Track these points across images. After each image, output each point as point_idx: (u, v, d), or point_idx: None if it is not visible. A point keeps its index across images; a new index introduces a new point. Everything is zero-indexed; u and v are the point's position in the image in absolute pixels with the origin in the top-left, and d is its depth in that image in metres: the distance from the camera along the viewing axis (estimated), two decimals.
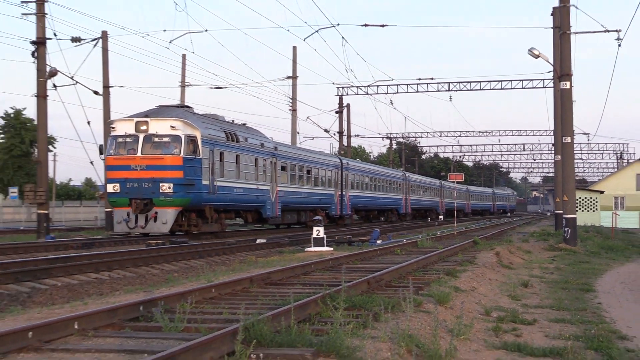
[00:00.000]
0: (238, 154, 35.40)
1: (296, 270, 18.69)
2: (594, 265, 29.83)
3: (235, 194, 34.71)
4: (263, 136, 41.53)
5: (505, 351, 11.00)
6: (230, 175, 33.96)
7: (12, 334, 8.65)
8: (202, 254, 27.12)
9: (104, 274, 19.42)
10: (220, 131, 33.46)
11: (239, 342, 7.98)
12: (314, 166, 49.02)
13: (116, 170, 28.90)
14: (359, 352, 8.54)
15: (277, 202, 40.21)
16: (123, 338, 9.63)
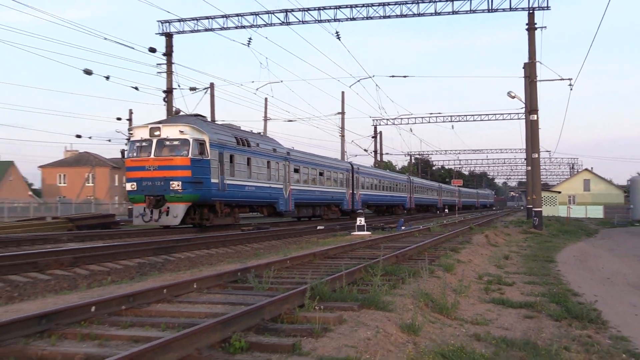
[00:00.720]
0: (249, 156, 32.87)
1: (345, 248, 18.96)
2: (554, 243, 30.89)
3: (247, 191, 32.31)
4: (277, 143, 39.00)
5: (493, 304, 11.89)
6: (241, 175, 31.59)
7: (152, 290, 9.74)
8: (280, 237, 27.63)
9: (212, 250, 20.07)
10: (231, 137, 31.17)
11: (307, 298, 8.94)
12: (326, 169, 46.33)
13: (134, 171, 27.32)
14: (391, 305, 9.38)
15: (290, 198, 38.08)
16: (226, 294, 10.44)
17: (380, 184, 60.12)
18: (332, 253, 17.45)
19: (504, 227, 39.35)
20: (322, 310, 8.73)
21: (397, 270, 13.17)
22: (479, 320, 10.32)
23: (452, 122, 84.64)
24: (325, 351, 6.68)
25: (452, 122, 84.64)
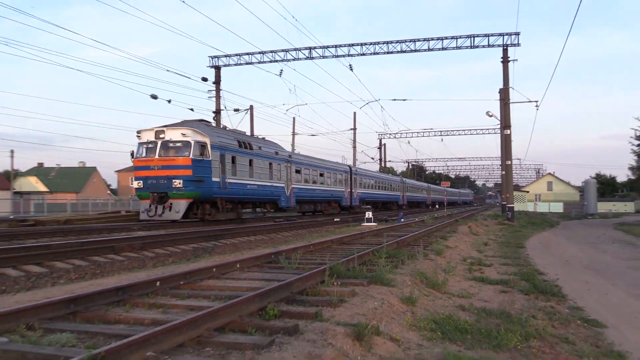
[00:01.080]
0: (251, 158, 29.82)
1: (356, 236, 18.73)
2: (524, 233, 30.79)
3: (249, 189, 29.31)
4: (279, 147, 35.81)
5: (475, 281, 11.90)
6: (242, 174, 28.63)
7: (204, 269, 9.79)
8: (304, 227, 27.02)
9: (251, 238, 19.91)
10: (233, 140, 28.36)
11: (326, 276, 9.02)
12: (326, 171, 42.59)
13: (140, 170, 24.77)
14: (393, 282, 9.41)
15: (291, 196, 34.99)
16: (262, 272, 10.51)
17: (376, 184, 57.12)
18: (346, 240, 17.36)
19: (483, 220, 39.25)
20: (338, 286, 8.76)
21: (398, 254, 13.09)
22: (463, 294, 10.32)
23: (442, 135, 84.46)
24: (341, 318, 6.71)
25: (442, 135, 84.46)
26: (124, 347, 4.59)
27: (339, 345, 5.63)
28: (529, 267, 14.90)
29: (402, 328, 7.07)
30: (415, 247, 14.82)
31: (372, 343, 6.02)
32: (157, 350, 4.92)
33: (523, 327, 7.51)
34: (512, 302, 9.71)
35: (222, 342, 5.48)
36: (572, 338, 7.30)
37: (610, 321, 8.48)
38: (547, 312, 8.91)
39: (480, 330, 7.23)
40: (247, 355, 5.09)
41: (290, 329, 5.97)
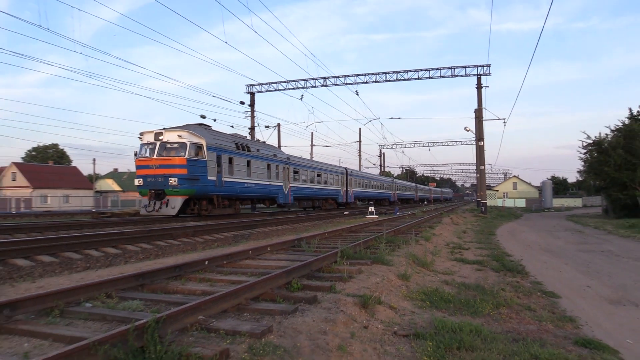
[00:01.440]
0: (249, 159, 26.34)
1: (361, 225, 18.44)
2: (495, 223, 30.46)
3: (246, 187, 25.88)
4: (278, 150, 32.32)
5: (456, 262, 11.84)
6: (240, 173, 25.29)
7: (241, 252, 9.68)
8: (320, 218, 26.34)
9: (278, 227, 19.66)
10: (231, 142, 25.04)
11: (338, 257, 9.00)
12: (323, 172, 38.68)
13: (141, 169, 21.96)
14: (391, 262, 9.40)
15: (289, 194, 31.68)
16: (288, 254, 10.40)
17: (369, 184, 52.70)
18: (353, 229, 17.17)
19: (462, 213, 39.02)
20: (348, 265, 8.72)
21: (395, 240, 13.04)
22: (447, 271, 10.28)
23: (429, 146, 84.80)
24: (350, 290, 6.69)
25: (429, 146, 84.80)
26: (181, 312, 4.61)
27: (348, 312, 5.63)
28: (499, 250, 14.81)
29: (398, 299, 7.06)
30: (409, 234, 14.79)
31: (375, 310, 6.01)
32: (207, 314, 4.95)
33: (494, 298, 7.48)
34: (486, 278, 9.65)
35: (256, 309, 5.49)
36: (534, 306, 7.26)
37: (563, 293, 8.44)
38: (513, 286, 8.87)
39: (461, 300, 7.20)
40: (277, 319, 5.10)
41: (310, 299, 5.97)
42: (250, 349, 4.12)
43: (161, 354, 3.72)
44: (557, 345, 5.34)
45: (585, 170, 42.61)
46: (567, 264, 12.28)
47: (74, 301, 5.60)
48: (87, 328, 4.78)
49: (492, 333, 5.55)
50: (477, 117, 41.26)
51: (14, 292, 6.68)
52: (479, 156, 42.48)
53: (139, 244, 12.43)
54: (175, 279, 7.34)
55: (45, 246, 10.39)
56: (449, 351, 4.84)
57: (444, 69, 40.18)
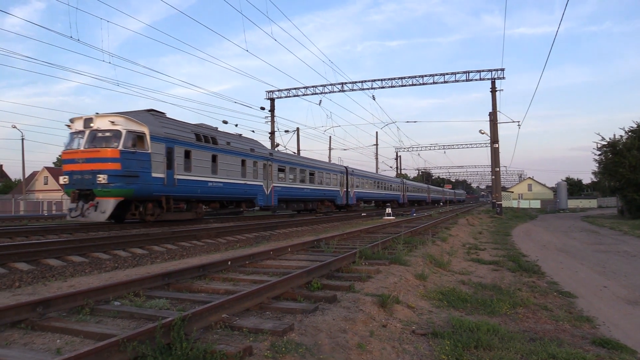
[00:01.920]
0: (215, 154, 21.04)
1: (379, 227, 18.33)
2: (510, 224, 29.96)
3: (211, 187, 20.70)
4: (257, 144, 26.31)
5: (472, 262, 11.70)
6: (201, 170, 20.02)
7: (264, 252, 9.72)
8: (339, 220, 25.94)
9: (298, 228, 19.45)
10: (189, 133, 19.91)
11: (357, 257, 8.97)
12: (317, 170, 33.19)
13: (67, 164, 17.11)
14: (409, 262, 9.32)
15: (272, 194, 26.24)
16: (308, 254, 10.39)
17: (374, 184, 46.89)
18: (371, 230, 17.15)
19: (478, 214, 38.58)
20: (366, 265, 8.70)
21: (412, 240, 12.95)
22: (463, 272, 10.16)
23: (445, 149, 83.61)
24: (369, 290, 6.66)
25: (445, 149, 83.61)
26: (205, 310, 4.63)
27: (367, 311, 5.59)
28: (515, 250, 14.60)
29: (416, 298, 6.99)
30: (425, 235, 14.66)
31: (393, 309, 5.97)
32: (230, 313, 4.96)
33: (511, 298, 7.36)
34: (502, 278, 9.52)
35: (278, 307, 5.48)
36: (550, 306, 7.13)
37: (580, 293, 8.28)
38: (530, 286, 8.73)
39: (478, 300, 7.11)
40: (298, 318, 5.09)
41: (330, 298, 5.95)
42: (272, 347, 4.12)
43: (187, 350, 3.74)
44: (575, 345, 5.24)
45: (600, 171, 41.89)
46: (583, 264, 12.04)
47: (103, 299, 5.67)
48: (116, 325, 4.83)
49: (509, 332, 5.47)
50: (491, 120, 40.85)
51: (47, 291, 6.79)
52: (494, 158, 42.02)
53: (164, 245, 12.55)
54: (199, 279, 7.38)
55: (75, 247, 10.56)
56: (466, 350, 4.78)
57: (459, 73, 39.86)
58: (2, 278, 7.76)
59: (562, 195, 70.22)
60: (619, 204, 45.07)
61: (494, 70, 39.25)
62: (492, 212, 42.34)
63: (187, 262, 10.02)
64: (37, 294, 6.46)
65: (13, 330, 4.63)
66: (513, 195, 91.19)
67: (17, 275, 7.99)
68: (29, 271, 8.42)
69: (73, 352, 3.56)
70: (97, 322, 4.97)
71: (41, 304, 4.97)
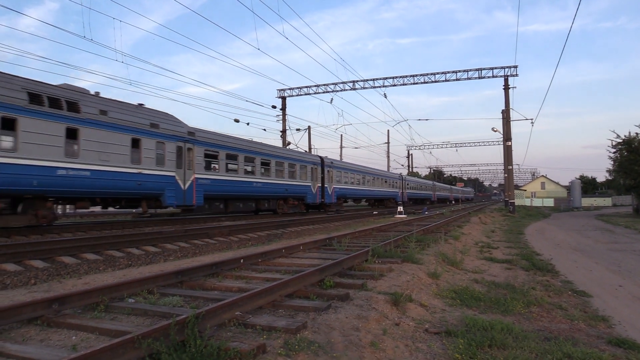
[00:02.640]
0: (71, 126, 14.16)
1: (391, 225, 18.26)
2: (523, 222, 29.77)
3: (65, 177, 14.00)
4: (170, 120, 18.73)
5: (485, 260, 11.62)
6: (37, 152, 13.21)
7: (276, 250, 9.77)
8: (351, 218, 25.76)
9: (310, 226, 19.45)
10: (17, 90, 12.79)
11: (369, 255, 8.97)
12: (275, 160, 25.82)
13: None
14: (421, 260, 9.32)
15: (194, 190, 19.08)
16: (320, 253, 10.39)
17: (363, 180, 39.39)
18: (383, 228, 17.06)
19: (490, 213, 38.32)
20: (378, 263, 8.68)
21: (424, 239, 12.92)
22: (476, 270, 10.09)
23: (457, 147, 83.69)
24: (381, 288, 6.64)
25: (457, 147, 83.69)
26: (219, 308, 4.65)
27: (380, 309, 5.58)
28: (528, 249, 14.47)
29: (429, 296, 6.96)
30: (438, 233, 14.60)
31: (406, 308, 5.95)
32: (243, 310, 4.97)
33: (525, 297, 7.30)
34: (516, 276, 9.44)
35: (291, 305, 5.49)
36: (565, 305, 7.05)
37: (595, 292, 8.18)
38: (544, 284, 8.65)
39: (491, 299, 7.06)
40: (311, 316, 5.09)
41: (343, 296, 5.94)
42: (286, 344, 4.12)
43: (201, 348, 3.76)
44: (590, 344, 5.17)
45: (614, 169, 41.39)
46: (598, 263, 11.90)
47: (117, 297, 5.72)
48: (131, 322, 4.86)
49: (523, 331, 5.42)
50: (504, 117, 40.57)
51: (62, 288, 6.86)
52: (506, 156, 41.72)
53: (177, 243, 12.63)
54: (212, 276, 7.43)
55: (90, 245, 10.66)
56: (480, 349, 4.74)
57: (471, 70, 39.64)
58: (18, 275, 7.86)
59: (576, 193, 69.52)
60: (635, 202, 44.49)
61: (506, 68, 39.03)
62: (504, 211, 42.02)
63: (199, 260, 10.07)
64: (53, 291, 6.53)
65: (29, 326, 4.69)
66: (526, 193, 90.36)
67: (32, 273, 8.09)
68: (44, 268, 8.52)
69: (89, 348, 3.60)
70: (111, 319, 5.02)
71: (57, 301, 5.02)
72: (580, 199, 69.60)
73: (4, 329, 4.57)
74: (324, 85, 43.18)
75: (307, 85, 44.08)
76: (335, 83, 42.65)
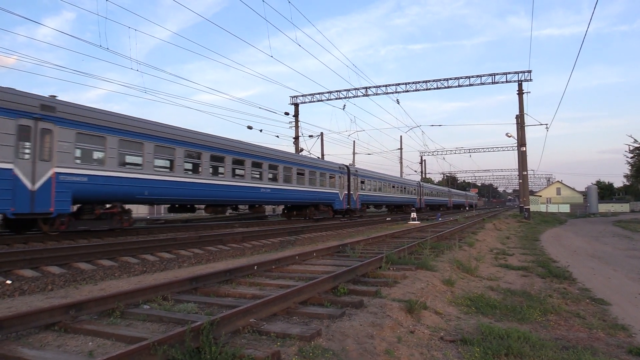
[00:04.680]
0: None
1: (404, 231, 18.16)
2: (539, 229, 29.41)
3: None
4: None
5: (501, 267, 11.48)
6: None
7: (289, 257, 9.80)
8: (363, 224, 25.61)
9: (323, 233, 19.21)
10: None
11: (383, 262, 8.91)
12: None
13: None
14: (435, 267, 9.24)
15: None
16: (333, 259, 10.42)
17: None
18: (396, 234, 16.91)
19: (505, 219, 37.91)
20: (392, 270, 8.63)
21: (438, 245, 12.80)
22: (492, 277, 9.98)
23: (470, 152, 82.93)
24: (396, 295, 6.60)
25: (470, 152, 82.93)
26: (233, 315, 4.66)
27: (395, 317, 5.55)
28: (544, 256, 14.30)
29: (444, 304, 6.91)
30: (452, 240, 14.47)
31: (421, 315, 5.91)
32: (257, 317, 4.98)
33: (542, 304, 7.21)
34: (532, 284, 9.33)
35: (305, 312, 5.49)
36: (583, 313, 6.95)
37: (613, 300, 8.06)
38: (561, 292, 8.53)
39: (507, 307, 6.98)
40: (325, 323, 5.08)
41: (357, 303, 5.92)
42: (300, 352, 4.12)
43: (216, 354, 3.77)
44: (610, 354, 5.09)
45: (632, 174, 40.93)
46: (616, 271, 11.72)
47: (132, 303, 5.77)
48: (146, 329, 4.89)
49: (540, 340, 5.34)
50: (518, 123, 40.26)
51: (79, 294, 6.94)
52: (521, 162, 41.38)
53: (191, 249, 12.69)
54: (226, 283, 7.45)
55: (105, 251, 10.75)
56: (496, 357, 4.69)
57: (484, 75, 39.41)
58: (35, 281, 7.96)
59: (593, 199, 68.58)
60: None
61: (520, 72, 38.72)
62: (519, 217, 41.59)
63: (213, 266, 10.12)
64: (70, 297, 6.61)
65: (47, 332, 4.74)
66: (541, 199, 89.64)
67: (49, 279, 8.18)
68: (61, 274, 8.61)
69: (105, 354, 3.63)
70: (127, 325, 5.06)
71: (74, 307, 5.08)
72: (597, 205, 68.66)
73: (22, 334, 4.63)
74: (337, 91, 43.25)
75: (320, 92, 44.25)
76: (347, 89, 42.67)
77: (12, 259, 8.93)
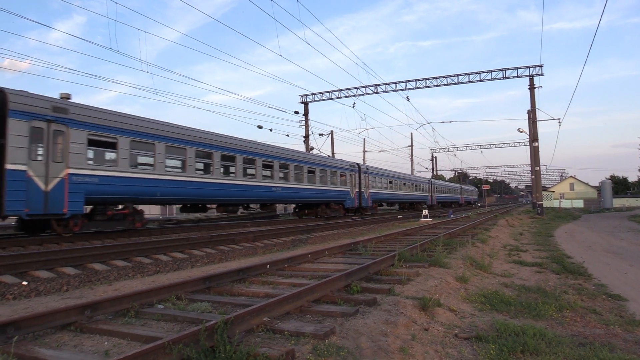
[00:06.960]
0: None
1: (417, 229, 18.20)
2: (552, 225, 29.07)
3: None
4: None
5: (514, 264, 11.41)
6: None
7: (301, 255, 9.79)
8: (375, 222, 25.41)
9: (335, 232, 19.16)
10: None
11: (396, 260, 8.85)
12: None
13: None
14: (448, 264, 9.18)
15: None
16: (345, 258, 10.39)
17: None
18: (409, 232, 16.90)
19: (517, 215, 37.59)
20: (405, 268, 8.59)
21: (451, 242, 12.76)
22: (505, 274, 9.92)
23: (481, 148, 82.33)
24: (409, 293, 6.58)
25: (481, 148, 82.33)
26: (247, 313, 4.67)
27: (408, 314, 5.53)
28: (559, 252, 14.15)
29: (457, 301, 6.87)
30: (465, 237, 14.41)
31: (435, 313, 5.88)
32: (271, 316, 4.99)
33: (557, 301, 7.14)
34: (547, 280, 9.25)
35: (318, 310, 5.48)
36: (599, 309, 6.87)
37: (630, 295, 7.96)
38: (576, 288, 8.45)
39: (522, 303, 6.92)
40: (338, 321, 5.07)
41: (370, 301, 5.91)
42: (314, 350, 4.11)
43: (230, 353, 3.78)
44: (628, 350, 5.02)
45: None
46: (633, 266, 11.58)
47: (147, 303, 5.80)
48: (161, 328, 4.92)
49: (556, 337, 5.28)
50: (530, 118, 39.90)
51: (93, 294, 7.00)
52: (533, 157, 41.00)
53: (203, 249, 12.75)
54: (239, 282, 7.47)
55: (119, 252, 10.83)
56: (512, 354, 4.65)
57: (495, 71, 39.08)
58: (51, 282, 8.04)
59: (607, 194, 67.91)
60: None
61: (531, 67, 38.36)
62: (532, 213, 41.27)
63: (226, 265, 10.16)
64: (85, 297, 6.67)
65: (63, 332, 4.79)
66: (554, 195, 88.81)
67: (64, 280, 8.27)
68: (76, 275, 8.70)
69: (121, 354, 3.65)
70: (142, 324, 5.09)
71: (89, 307, 5.12)
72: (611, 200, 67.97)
73: (39, 334, 4.68)
74: (346, 89, 43.16)
75: (329, 90, 44.23)
76: (357, 87, 42.57)
77: (27, 261, 9.03)
